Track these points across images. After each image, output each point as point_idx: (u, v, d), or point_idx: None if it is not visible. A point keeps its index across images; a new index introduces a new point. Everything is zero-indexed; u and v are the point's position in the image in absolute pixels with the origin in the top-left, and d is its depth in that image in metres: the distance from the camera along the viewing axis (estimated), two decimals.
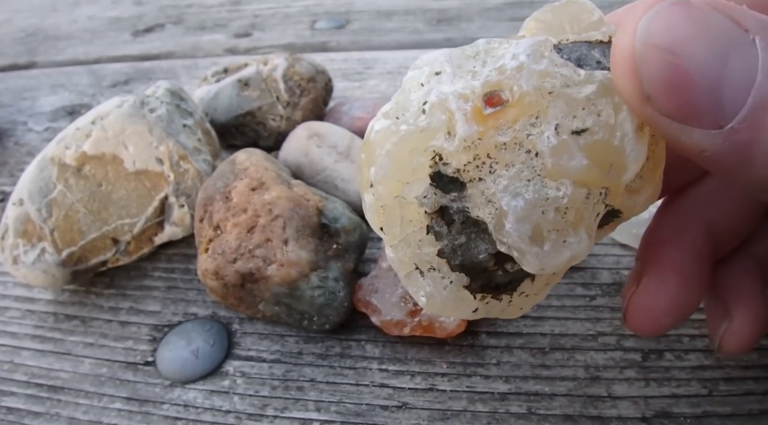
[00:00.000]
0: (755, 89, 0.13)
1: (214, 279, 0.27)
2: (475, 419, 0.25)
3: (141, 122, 0.31)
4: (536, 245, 0.15)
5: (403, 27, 0.60)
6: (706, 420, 0.24)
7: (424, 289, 0.18)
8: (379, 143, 0.17)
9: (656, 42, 0.13)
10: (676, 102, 0.13)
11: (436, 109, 0.16)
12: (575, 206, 0.15)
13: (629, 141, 0.15)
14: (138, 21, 0.68)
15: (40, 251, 0.31)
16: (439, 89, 0.16)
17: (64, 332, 0.31)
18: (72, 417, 0.27)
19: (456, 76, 0.16)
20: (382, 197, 0.17)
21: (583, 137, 0.15)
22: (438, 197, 0.16)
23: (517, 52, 0.16)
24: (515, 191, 0.15)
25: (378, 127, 0.17)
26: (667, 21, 0.13)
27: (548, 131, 0.15)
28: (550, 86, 0.15)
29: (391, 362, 0.27)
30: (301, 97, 0.40)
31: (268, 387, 0.27)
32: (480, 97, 0.15)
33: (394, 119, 0.17)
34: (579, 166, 0.15)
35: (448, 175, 0.16)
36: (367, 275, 0.29)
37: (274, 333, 0.29)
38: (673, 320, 0.20)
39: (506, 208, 0.15)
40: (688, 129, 0.13)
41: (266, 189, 0.28)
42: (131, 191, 0.32)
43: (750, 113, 0.13)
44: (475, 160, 0.15)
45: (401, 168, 0.16)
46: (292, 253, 0.27)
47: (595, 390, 0.25)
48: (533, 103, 0.15)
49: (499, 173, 0.15)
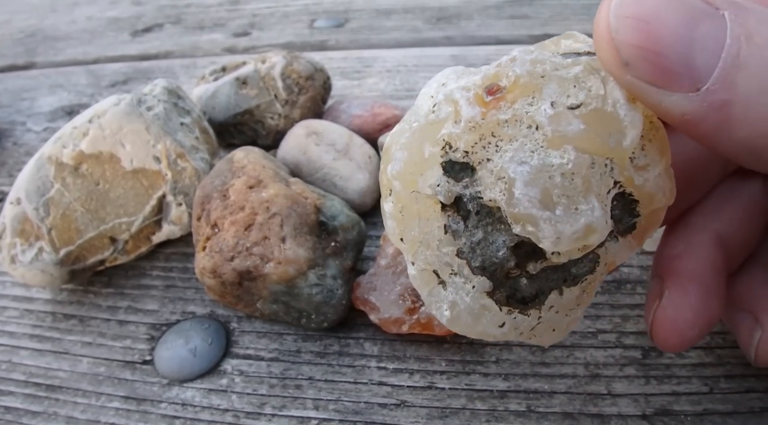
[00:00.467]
0: (725, 51, 0.14)
1: (211, 277, 0.27)
2: (474, 417, 0.24)
3: (138, 120, 0.31)
4: (547, 209, 0.15)
5: (402, 25, 0.60)
6: (706, 417, 0.24)
7: (447, 300, 0.18)
8: (394, 141, 0.18)
9: (628, 13, 0.14)
10: (652, 66, 0.14)
11: (443, 103, 0.17)
12: (581, 171, 0.15)
13: (621, 107, 0.16)
14: (137, 21, 0.68)
15: (38, 250, 0.31)
16: (446, 89, 0.17)
17: (62, 331, 0.31)
18: (70, 416, 0.26)
19: (460, 78, 0.17)
20: (400, 196, 0.18)
21: (578, 110, 0.16)
22: (451, 186, 0.17)
23: (511, 53, 0.17)
24: (521, 159, 0.16)
25: (393, 130, 0.18)
26: None
27: (545, 105, 0.16)
28: (542, 71, 0.16)
29: (389, 360, 0.27)
30: (300, 95, 0.39)
31: (266, 386, 0.27)
32: (481, 88, 0.17)
33: (408, 123, 0.18)
34: (577, 130, 0.15)
35: (459, 161, 0.17)
36: (366, 273, 0.29)
37: (272, 331, 0.29)
38: (699, 331, 0.20)
39: (513, 175, 0.16)
40: (668, 93, 0.14)
41: (264, 187, 0.28)
42: (129, 189, 0.32)
43: (722, 73, 0.14)
44: (481, 140, 0.16)
45: (415, 161, 0.17)
46: (289, 251, 0.26)
47: (594, 388, 0.25)
48: (528, 85, 0.16)
49: (504, 149, 0.16)
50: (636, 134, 0.16)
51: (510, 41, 0.55)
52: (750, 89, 0.13)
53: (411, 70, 0.51)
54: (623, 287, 0.29)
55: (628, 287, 0.29)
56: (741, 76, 0.13)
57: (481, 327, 0.18)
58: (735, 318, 0.22)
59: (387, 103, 0.40)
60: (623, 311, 0.28)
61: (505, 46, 0.54)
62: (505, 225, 0.16)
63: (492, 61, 0.18)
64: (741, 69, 0.13)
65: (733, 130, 0.14)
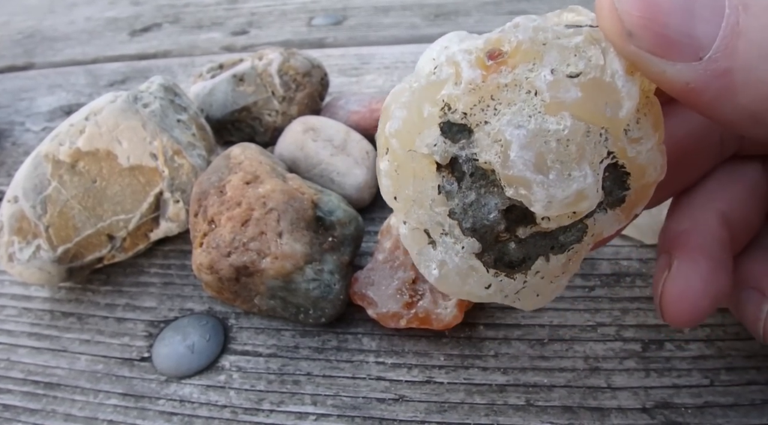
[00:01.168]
0: (725, 21, 0.14)
1: (208, 273, 0.27)
2: (473, 411, 0.24)
3: (134, 117, 0.31)
4: (541, 173, 0.16)
5: (400, 22, 0.59)
6: (707, 410, 0.24)
7: (436, 259, 0.18)
8: (394, 99, 0.18)
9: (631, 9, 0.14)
10: (654, 36, 0.14)
11: (445, 65, 0.17)
12: (576, 139, 0.16)
13: (620, 77, 0.16)
14: (135, 21, 0.68)
15: (36, 248, 0.30)
16: (448, 52, 0.17)
17: (61, 329, 0.31)
18: (68, 414, 0.26)
19: (462, 42, 0.17)
20: (396, 154, 0.18)
21: (578, 79, 0.16)
22: (447, 147, 0.17)
23: (514, 20, 0.17)
24: (518, 123, 0.16)
25: (393, 90, 0.18)
26: None
27: (545, 72, 0.16)
28: (543, 38, 0.16)
29: (387, 355, 0.27)
30: (297, 91, 0.39)
31: (264, 382, 0.27)
32: (483, 51, 0.17)
33: (409, 82, 0.18)
34: (575, 97, 0.16)
35: (457, 123, 0.17)
36: (363, 268, 0.29)
37: (270, 327, 0.29)
38: (709, 302, 0.20)
39: (510, 137, 0.16)
40: (670, 63, 0.14)
41: (260, 183, 0.28)
42: (126, 186, 0.31)
43: (723, 42, 0.14)
44: (480, 103, 0.16)
45: (414, 120, 0.17)
46: (286, 245, 0.26)
47: (594, 381, 0.25)
48: (529, 51, 0.16)
49: (503, 112, 0.16)
50: (632, 106, 0.16)
51: None
52: (750, 56, 0.14)
53: (409, 67, 0.50)
54: (622, 280, 0.29)
55: (627, 280, 0.29)
56: (741, 44, 0.14)
57: (468, 288, 0.18)
58: (740, 298, 0.22)
59: (385, 99, 0.40)
60: (622, 304, 0.28)
61: None
62: (498, 188, 0.17)
63: None
64: (740, 37, 0.14)
65: (736, 96, 0.14)
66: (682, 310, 0.20)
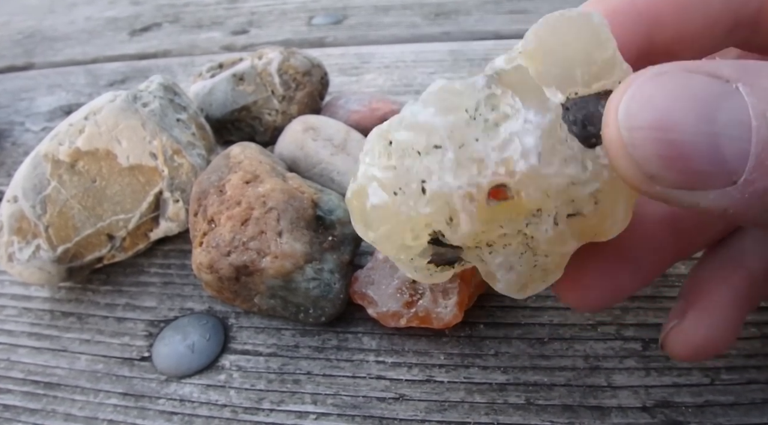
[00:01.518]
0: (754, 135, 0.12)
1: (208, 273, 0.27)
2: (473, 410, 0.24)
3: (134, 116, 0.31)
4: (521, 292, 0.18)
5: (400, 21, 0.59)
6: (707, 409, 0.24)
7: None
8: (378, 219, 0.18)
9: (640, 124, 0.13)
10: (680, 174, 0.13)
11: (439, 199, 0.17)
12: (559, 260, 0.18)
13: (618, 222, 0.17)
14: (135, 20, 0.68)
15: (35, 248, 0.30)
16: (443, 179, 0.16)
17: (61, 329, 0.31)
18: (68, 414, 0.26)
19: (460, 167, 0.16)
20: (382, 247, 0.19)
21: (578, 218, 0.16)
22: (434, 250, 0.18)
23: (527, 144, 0.16)
24: (509, 265, 0.17)
25: (376, 200, 0.18)
26: (643, 99, 0.13)
27: (547, 223, 0.16)
28: (556, 187, 0.16)
29: (388, 354, 0.27)
30: (297, 91, 0.39)
31: (264, 381, 0.27)
32: (485, 192, 0.16)
33: (392, 195, 0.17)
34: (570, 247, 0.17)
35: (447, 244, 0.18)
36: (363, 267, 0.29)
37: (270, 326, 0.29)
38: (708, 354, 0.22)
39: (500, 279, 0.18)
40: (703, 194, 0.13)
41: (260, 182, 0.28)
42: (125, 186, 0.31)
43: (758, 160, 0.12)
44: (475, 241, 0.17)
45: (401, 242, 0.18)
46: (286, 245, 0.26)
47: (594, 380, 0.25)
48: (537, 202, 0.16)
49: (497, 250, 0.17)
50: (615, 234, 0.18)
51: (509, 36, 0.54)
52: None
53: (409, 66, 0.50)
54: None
55: None
56: None
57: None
58: (678, 300, 0.23)
59: (385, 98, 0.40)
60: (623, 303, 0.28)
61: (503, 41, 0.54)
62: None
63: (491, 57, 0.18)
64: None
65: None
66: (683, 355, 0.22)
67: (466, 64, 0.50)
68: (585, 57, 0.16)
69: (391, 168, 0.17)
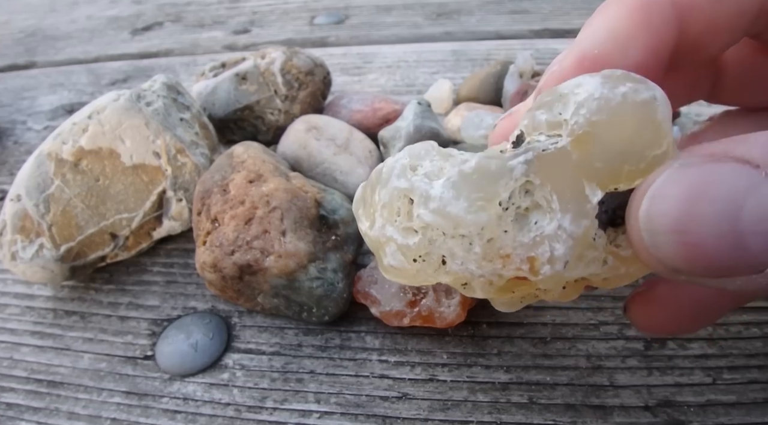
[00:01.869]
0: None
1: (212, 272, 0.27)
2: (476, 409, 0.24)
3: (137, 115, 0.31)
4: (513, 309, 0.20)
5: (402, 21, 0.59)
6: (709, 408, 0.24)
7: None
8: (394, 274, 0.19)
9: (660, 228, 0.13)
10: (704, 269, 0.13)
11: (459, 274, 0.17)
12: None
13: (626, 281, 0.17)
14: (137, 20, 0.68)
15: (39, 246, 0.31)
16: (466, 265, 0.17)
17: (64, 327, 0.31)
18: (71, 412, 0.26)
19: (485, 260, 0.16)
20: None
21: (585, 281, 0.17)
22: None
23: (556, 252, 0.15)
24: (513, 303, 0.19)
25: (394, 263, 0.18)
26: (664, 200, 0.13)
27: (557, 292, 0.17)
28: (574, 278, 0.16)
29: (390, 353, 0.27)
30: (300, 90, 0.39)
31: (267, 380, 0.27)
32: (505, 280, 0.17)
33: (412, 262, 0.18)
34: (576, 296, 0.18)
35: None
36: (367, 266, 0.29)
37: (273, 325, 0.29)
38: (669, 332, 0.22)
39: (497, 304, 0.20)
40: (730, 280, 0.13)
41: (264, 181, 0.28)
42: (129, 185, 0.32)
43: None
44: None
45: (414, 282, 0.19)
46: (290, 244, 0.26)
47: (597, 380, 0.25)
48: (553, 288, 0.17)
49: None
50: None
51: (510, 36, 0.55)
52: None
53: (411, 66, 0.50)
54: None
55: None
56: None
57: None
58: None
59: (387, 98, 0.40)
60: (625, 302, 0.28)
61: (505, 41, 0.54)
62: None
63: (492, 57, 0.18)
64: None
65: None
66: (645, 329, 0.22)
67: (468, 64, 0.50)
68: (637, 154, 0.15)
69: (412, 232, 0.17)
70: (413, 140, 0.33)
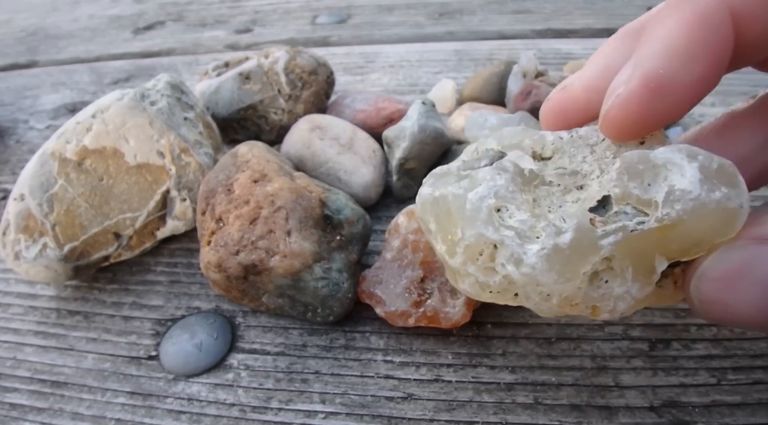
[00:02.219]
0: None
1: (216, 272, 0.27)
2: (481, 409, 0.24)
3: (141, 115, 0.31)
4: None
5: (404, 21, 0.59)
6: (714, 409, 0.24)
7: None
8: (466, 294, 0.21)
9: (706, 299, 0.17)
10: (746, 326, 0.17)
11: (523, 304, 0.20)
12: None
13: None
14: (138, 19, 0.68)
15: (42, 246, 0.30)
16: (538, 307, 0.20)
17: (67, 327, 0.31)
18: (75, 412, 0.26)
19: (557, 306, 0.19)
20: None
21: None
22: None
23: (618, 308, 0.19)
24: None
25: (469, 289, 0.21)
26: (708, 279, 0.17)
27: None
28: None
29: (395, 353, 0.27)
30: (303, 90, 0.39)
31: (272, 380, 0.27)
32: None
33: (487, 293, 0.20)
34: None
35: None
36: (371, 266, 0.29)
37: (278, 325, 0.29)
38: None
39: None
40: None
41: (268, 181, 0.28)
42: (132, 184, 0.31)
43: None
44: None
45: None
46: (295, 244, 0.26)
47: (602, 380, 0.25)
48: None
49: None
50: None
51: (513, 36, 0.55)
52: None
53: (414, 65, 0.50)
54: None
55: None
56: None
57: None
58: None
59: (391, 97, 0.40)
60: None
61: (507, 41, 0.54)
62: None
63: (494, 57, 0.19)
64: None
65: None
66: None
67: (471, 64, 0.50)
68: (709, 242, 0.18)
69: (493, 272, 0.19)
70: (418, 140, 0.33)
